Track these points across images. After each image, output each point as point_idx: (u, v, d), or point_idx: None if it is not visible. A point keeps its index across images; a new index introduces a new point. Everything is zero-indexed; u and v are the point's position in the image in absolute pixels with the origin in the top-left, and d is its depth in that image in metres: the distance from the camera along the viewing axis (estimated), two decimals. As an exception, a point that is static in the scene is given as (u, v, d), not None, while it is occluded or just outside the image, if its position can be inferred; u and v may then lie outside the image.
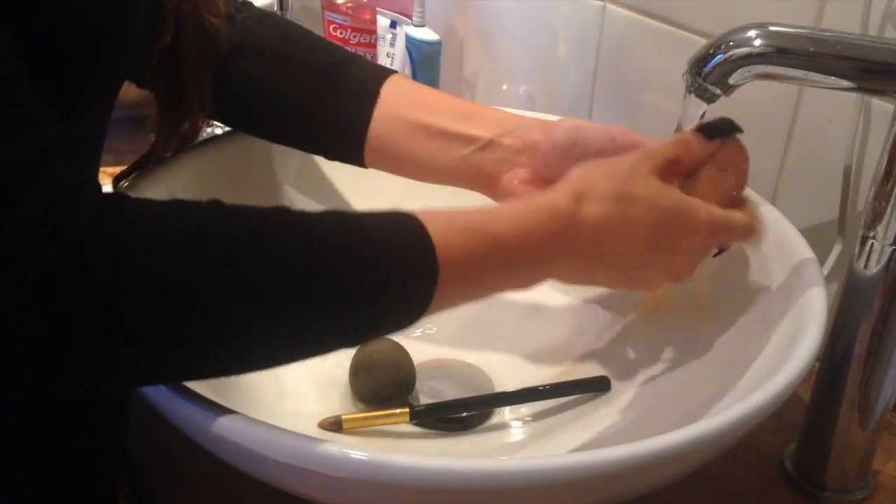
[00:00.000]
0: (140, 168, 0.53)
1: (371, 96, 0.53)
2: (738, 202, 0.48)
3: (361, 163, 0.54)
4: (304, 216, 0.37)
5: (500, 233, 0.40)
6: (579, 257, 0.43)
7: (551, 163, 0.51)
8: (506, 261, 0.41)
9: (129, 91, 0.50)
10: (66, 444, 0.44)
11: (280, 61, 0.53)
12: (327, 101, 0.53)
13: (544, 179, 0.51)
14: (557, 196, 0.42)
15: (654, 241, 0.44)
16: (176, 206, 0.35)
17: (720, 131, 0.48)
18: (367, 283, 0.37)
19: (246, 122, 0.56)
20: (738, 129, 0.48)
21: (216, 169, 0.58)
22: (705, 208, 0.45)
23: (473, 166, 0.52)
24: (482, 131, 0.52)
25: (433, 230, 0.38)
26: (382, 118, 0.52)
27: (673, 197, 0.44)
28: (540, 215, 0.41)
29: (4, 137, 0.30)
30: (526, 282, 0.43)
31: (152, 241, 0.33)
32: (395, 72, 0.54)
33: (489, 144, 0.52)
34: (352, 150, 0.54)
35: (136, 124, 0.59)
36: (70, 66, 0.36)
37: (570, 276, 0.44)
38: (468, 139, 0.52)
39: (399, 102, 0.53)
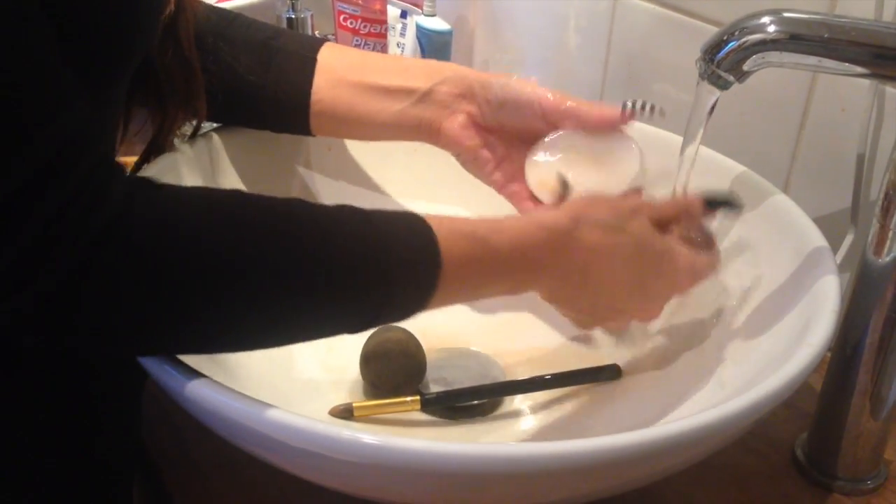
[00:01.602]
0: (148, 159, 0.53)
1: (310, 63, 0.54)
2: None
3: (308, 130, 0.55)
4: (322, 209, 0.39)
5: (502, 244, 0.42)
6: (567, 276, 0.45)
7: (486, 115, 0.53)
8: (502, 269, 0.43)
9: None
10: (81, 431, 0.44)
11: (219, 41, 0.54)
12: (267, 73, 0.54)
13: (482, 127, 0.53)
14: (560, 215, 0.45)
15: (637, 279, 0.46)
16: (203, 192, 0.37)
17: (722, 205, 0.51)
18: (375, 275, 0.38)
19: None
20: (741, 205, 0.51)
21: (224, 161, 0.58)
22: (688, 256, 0.48)
23: (414, 117, 0.54)
24: (419, 82, 0.53)
25: (440, 234, 0.40)
26: (322, 83, 0.54)
27: (664, 243, 0.47)
28: (540, 231, 0.44)
29: (46, 118, 0.32)
30: (514, 289, 0.44)
31: (184, 225, 0.35)
32: (327, 40, 0.56)
33: (427, 94, 0.53)
34: (297, 117, 0.55)
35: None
36: (98, 45, 0.36)
37: (551, 292, 0.46)
38: (407, 91, 0.53)
39: (337, 66, 0.54)
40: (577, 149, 0.52)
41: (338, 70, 0.54)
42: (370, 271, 0.38)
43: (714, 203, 0.51)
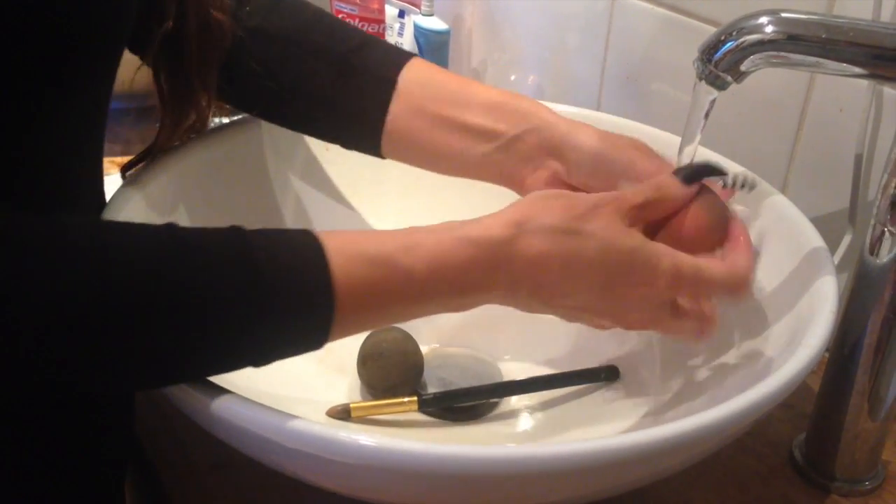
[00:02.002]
0: (146, 158, 0.53)
1: (389, 85, 0.51)
2: (725, 254, 0.44)
3: (379, 153, 0.54)
4: (197, 238, 0.35)
5: (414, 266, 0.38)
6: (513, 293, 0.41)
7: (573, 176, 0.49)
8: (420, 293, 0.39)
9: (139, 80, 0.50)
10: (74, 432, 0.44)
11: (295, 48, 0.52)
12: (343, 90, 0.52)
13: (566, 184, 0.49)
14: (492, 224, 0.40)
15: (602, 285, 0.41)
16: (54, 229, 0.33)
17: (700, 174, 0.45)
18: (257, 313, 0.35)
19: (264, 111, 0.56)
20: (721, 172, 0.45)
21: (224, 158, 0.58)
22: (671, 256, 0.41)
23: (497, 164, 0.50)
24: (505, 126, 0.49)
25: (336, 262, 0.37)
26: (400, 109, 0.51)
27: (634, 240, 0.41)
28: (463, 247, 0.39)
29: None
30: (459, 308, 0.40)
31: (31, 266, 0.31)
32: (415, 55, 0.53)
33: (513, 142, 0.49)
34: (368, 140, 0.53)
35: (144, 114, 0.58)
36: (45, 48, 0.35)
37: (514, 305, 0.42)
38: (491, 135, 0.50)
39: (418, 92, 0.51)
40: None
41: (418, 97, 0.51)
42: (252, 313, 0.35)
43: (690, 176, 0.44)
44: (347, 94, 0.52)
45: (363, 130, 0.53)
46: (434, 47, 0.84)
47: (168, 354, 0.35)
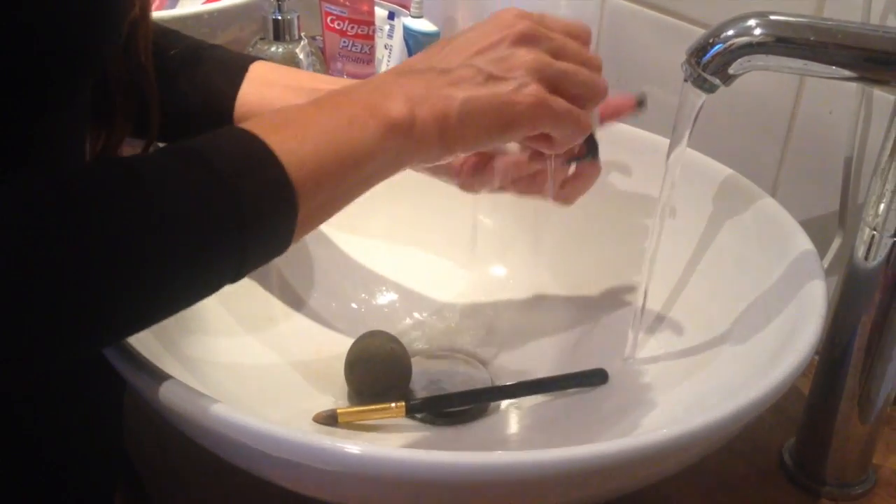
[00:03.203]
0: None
1: (240, 71, 0.52)
2: None
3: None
4: (142, 163, 0.35)
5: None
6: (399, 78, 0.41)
7: None
8: (335, 107, 0.39)
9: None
10: (63, 439, 0.44)
11: (157, 58, 0.50)
12: (193, 75, 0.52)
13: None
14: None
15: (445, 41, 0.43)
16: (16, 185, 0.32)
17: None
18: (229, 216, 0.34)
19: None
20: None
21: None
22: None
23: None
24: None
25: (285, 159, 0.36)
26: (251, 87, 0.52)
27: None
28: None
29: None
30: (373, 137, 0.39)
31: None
32: (260, 58, 0.54)
33: None
34: (221, 125, 0.52)
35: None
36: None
37: (412, 103, 0.40)
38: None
39: (270, 75, 0.52)
40: None
41: (270, 77, 0.52)
42: (224, 211, 0.34)
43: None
44: (199, 80, 0.52)
45: (215, 109, 0.52)
46: (423, 49, 0.83)
47: (154, 288, 0.34)
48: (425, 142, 0.40)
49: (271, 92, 0.51)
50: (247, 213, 0.35)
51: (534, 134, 0.42)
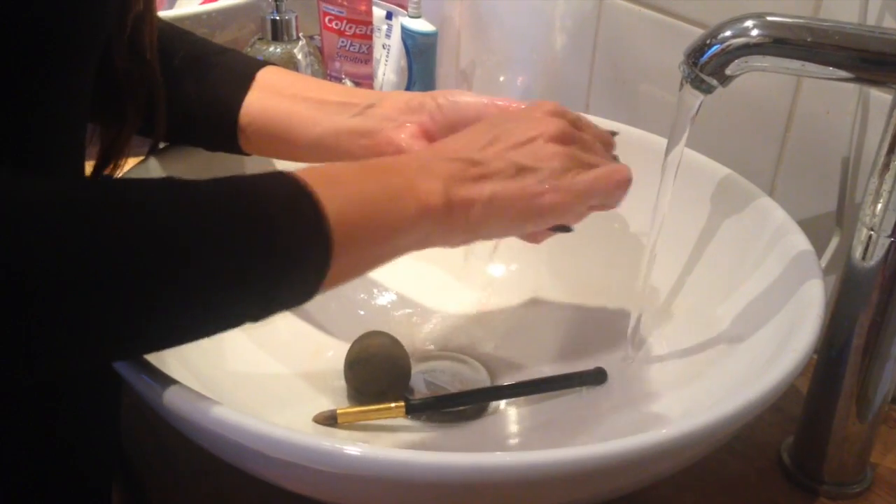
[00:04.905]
0: (98, 172, 0.51)
1: (247, 79, 0.52)
2: None
3: (239, 148, 0.53)
4: (194, 185, 0.36)
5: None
6: (434, 167, 0.42)
7: (439, 123, 0.51)
8: (381, 174, 0.41)
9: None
10: (60, 438, 0.44)
11: (165, 58, 0.51)
12: (201, 82, 0.52)
13: (434, 138, 0.50)
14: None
15: (487, 129, 0.45)
16: (59, 187, 0.32)
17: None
18: (259, 256, 0.35)
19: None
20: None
21: (201, 167, 0.57)
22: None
23: (354, 129, 0.51)
24: (360, 99, 0.51)
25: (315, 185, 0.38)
26: (257, 95, 0.52)
27: None
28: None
29: None
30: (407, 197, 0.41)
31: (39, 226, 0.30)
32: (273, 64, 0.54)
33: (370, 107, 0.51)
34: (224, 131, 0.53)
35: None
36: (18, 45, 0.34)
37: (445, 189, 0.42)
38: (347, 105, 0.51)
39: (276, 82, 0.53)
40: None
41: (276, 85, 0.52)
42: (254, 251, 0.35)
43: None
44: (205, 85, 0.52)
45: (218, 123, 0.52)
46: (421, 49, 0.83)
47: (181, 308, 0.34)
48: (453, 230, 0.43)
49: (277, 102, 0.52)
50: (280, 249, 0.36)
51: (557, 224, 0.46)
